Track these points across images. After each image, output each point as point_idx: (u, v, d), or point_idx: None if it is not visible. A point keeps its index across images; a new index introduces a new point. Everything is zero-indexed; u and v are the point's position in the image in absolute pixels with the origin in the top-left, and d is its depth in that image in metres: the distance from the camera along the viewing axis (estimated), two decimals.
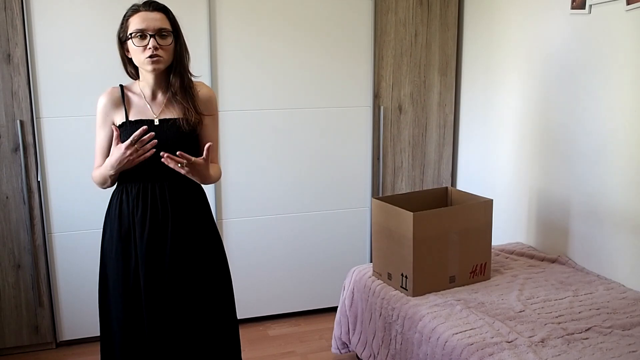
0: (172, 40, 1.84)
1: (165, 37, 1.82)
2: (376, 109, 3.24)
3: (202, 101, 1.94)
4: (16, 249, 2.82)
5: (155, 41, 1.79)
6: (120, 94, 1.91)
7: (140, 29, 1.79)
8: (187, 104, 1.88)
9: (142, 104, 1.90)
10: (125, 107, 1.89)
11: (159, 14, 1.83)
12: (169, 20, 1.85)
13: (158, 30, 1.80)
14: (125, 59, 1.91)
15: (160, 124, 1.87)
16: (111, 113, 1.90)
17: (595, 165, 2.51)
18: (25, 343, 2.91)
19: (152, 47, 1.78)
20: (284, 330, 3.18)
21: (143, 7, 1.83)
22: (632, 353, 1.84)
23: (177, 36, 1.87)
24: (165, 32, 1.82)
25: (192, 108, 1.88)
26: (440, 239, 2.36)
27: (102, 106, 1.90)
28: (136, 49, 1.81)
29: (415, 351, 2.14)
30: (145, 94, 1.91)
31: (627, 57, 2.33)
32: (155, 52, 1.79)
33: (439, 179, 3.45)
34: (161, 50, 1.81)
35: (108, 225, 1.94)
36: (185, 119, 1.87)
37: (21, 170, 2.75)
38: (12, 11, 2.62)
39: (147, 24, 1.79)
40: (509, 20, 2.98)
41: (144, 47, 1.80)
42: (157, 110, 1.90)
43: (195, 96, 1.91)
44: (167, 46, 1.82)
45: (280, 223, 3.19)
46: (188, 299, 1.93)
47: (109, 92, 1.91)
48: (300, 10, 3.03)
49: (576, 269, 2.58)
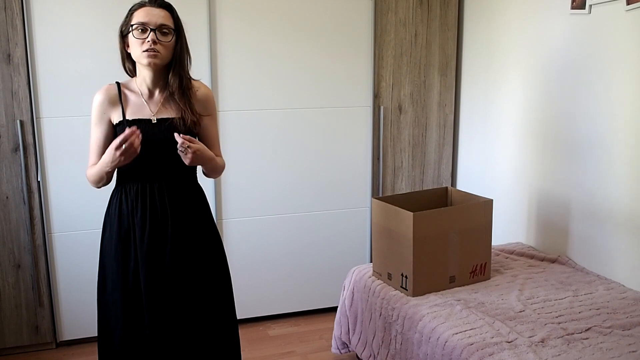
0: (173, 38, 1.84)
1: (166, 34, 1.82)
2: (376, 109, 3.24)
3: (199, 101, 1.94)
4: (16, 249, 2.82)
5: (155, 35, 1.79)
6: (117, 91, 1.90)
7: (142, 22, 1.80)
8: (184, 105, 1.88)
9: (140, 102, 1.90)
10: (122, 105, 1.88)
11: (163, 11, 1.84)
12: (173, 18, 1.86)
13: (159, 25, 1.81)
14: (124, 54, 1.90)
15: (157, 123, 1.87)
16: (108, 111, 1.89)
17: (596, 165, 2.51)
18: (25, 343, 2.91)
19: (150, 41, 1.79)
20: (284, 330, 3.18)
21: (149, 3, 1.84)
22: (632, 353, 1.84)
23: (178, 36, 1.87)
24: (167, 29, 1.82)
25: (189, 110, 1.88)
26: (440, 239, 2.36)
27: (98, 103, 1.89)
28: (135, 41, 1.81)
29: (415, 351, 2.14)
30: (142, 92, 1.91)
31: (627, 57, 2.33)
32: (153, 46, 1.79)
33: (439, 179, 3.45)
34: (160, 45, 1.80)
35: (107, 225, 1.94)
36: (182, 119, 1.87)
37: (21, 170, 2.75)
38: (12, 11, 2.62)
39: (149, 18, 1.80)
40: (509, 20, 2.98)
41: (142, 40, 1.80)
42: (155, 109, 1.89)
43: (192, 97, 1.91)
44: (166, 43, 1.82)
45: (280, 223, 3.19)
46: (188, 300, 1.92)
47: (105, 89, 1.91)
48: (300, 10, 3.03)
49: (576, 269, 2.58)
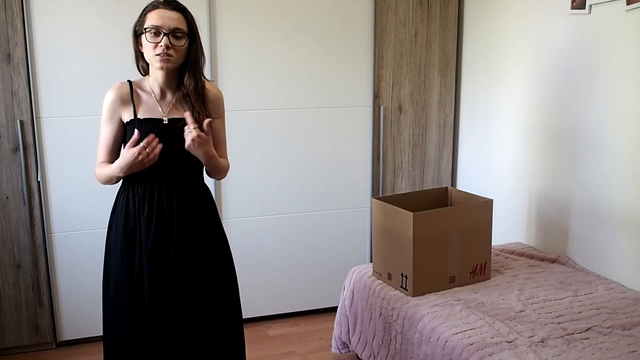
0: (186, 42, 1.83)
1: (179, 38, 1.81)
2: (376, 109, 3.24)
3: (211, 102, 1.94)
4: (16, 249, 2.82)
5: (168, 40, 1.78)
6: (129, 90, 1.89)
7: (155, 25, 1.78)
8: (199, 107, 1.87)
9: (152, 102, 1.89)
10: (134, 103, 1.88)
11: (177, 14, 1.82)
12: (187, 21, 1.84)
13: (173, 29, 1.79)
14: (138, 53, 1.90)
15: (169, 123, 1.87)
16: (119, 109, 1.88)
17: (596, 165, 2.51)
18: (25, 343, 2.91)
19: (163, 46, 1.78)
20: (284, 330, 3.18)
21: (163, 5, 1.82)
22: (632, 353, 1.84)
23: (193, 38, 1.85)
24: (180, 33, 1.81)
25: (204, 112, 1.88)
26: (440, 239, 2.36)
27: (110, 101, 1.88)
28: (148, 45, 1.80)
29: (415, 351, 2.14)
30: (154, 92, 1.90)
31: (627, 57, 2.33)
32: (166, 51, 1.78)
33: (439, 179, 3.45)
34: (173, 50, 1.79)
35: (113, 223, 1.94)
36: (196, 120, 1.86)
37: (21, 170, 2.75)
38: (12, 11, 2.62)
39: (163, 21, 1.78)
40: (509, 20, 2.98)
41: (155, 44, 1.79)
42: (166, 109, 1.89)
43: (206, 99, 1.91)
44: (179, 47, 1.81)
45: (281, 223, 3.19)
46: (193, 299, 1.92)
47: (117, 87, 1.90)
48: (300, 10, 3.03)
49: (576, 269, 2.58)
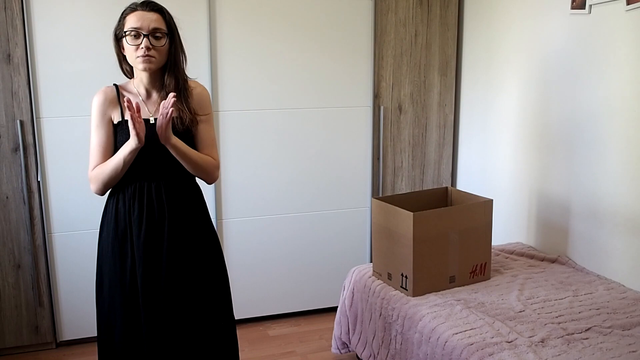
0: (166, 41, 1.86)
1: (159, 38, 1.83)
2: (376, 109, 3.24)
3: (195, 100, 1.95)
4: (16, 249, 2.82)
5: (149, 41, 1.81)
6: (115, 93, 1.92)
7: (134, 27, 1.81)
8: (181, 104, 1.89)
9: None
10: (121, 106, 1.90)
11: (155, 15, 1.84)
12: (165, 21, 1.86)
13: (152, 30, 1.82)
14: (120, 56, 1.92)
15: (155, 123, 1.87)
16: (108, 110, 1.90)
17: (596, 165, 2.51)
18: (25, 343, 2.91)
19: (144, 47, 1.80)
20: (284, 330, 3.18)
21: (140, 7, 1.85)
22: (632, 353, 1.84)
23: (172, 38, 1.88)
24: (160, 34, 1.83)
25: (186, 109, 1.90)
26: (440, 239, 2.36)
27: (98, 104, 1.90)
28: (129, 47, 1.83)
29: (415, 351, 2.14)
30: (140, 93, 1.92)
31: (627, 57, 2.33)
32: (147, 53, 1.81)
33: (439, 179, 3.45)
34: (154, 50, 1.82)
35: (104, 225, 1.95)
36: (179, 118, 1.89)
37: (21, 170, 2.75)
38: (12, 11, 2.62)
39: (142, 23, 1.81)
40: (509, 20, 2.98)
41: (137, 46, 1.81)
42: (152, 109, 1.91)
43: (189, 97, 1.93)
44: (160, 47, 1.84)
45: (280, 223, 3.19)
46: (185, 299, 1.93)
47: (104, 90, 1.93)
48: (300, 10, 3.03)
49: (576, 269, 2.58)
